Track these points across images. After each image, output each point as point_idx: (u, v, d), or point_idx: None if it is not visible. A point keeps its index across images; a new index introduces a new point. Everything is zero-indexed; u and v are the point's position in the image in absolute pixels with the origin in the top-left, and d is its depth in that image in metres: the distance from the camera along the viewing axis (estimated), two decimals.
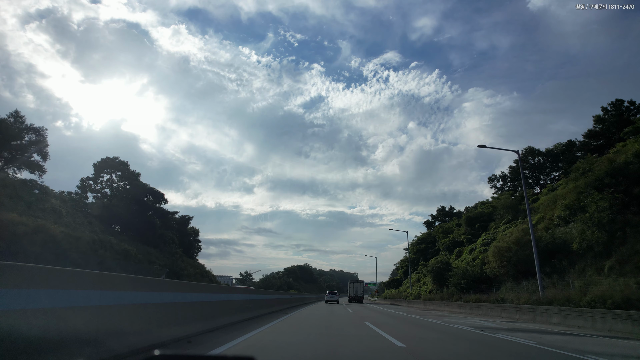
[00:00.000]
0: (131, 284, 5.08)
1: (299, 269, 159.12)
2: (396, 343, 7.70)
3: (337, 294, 42.08)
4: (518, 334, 10.87)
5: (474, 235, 48.95)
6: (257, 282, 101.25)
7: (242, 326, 9.51)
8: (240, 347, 6.17)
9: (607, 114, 47.64)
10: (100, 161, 47.96)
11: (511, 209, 42.03)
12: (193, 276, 45.06)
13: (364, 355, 6.34)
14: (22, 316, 3.08)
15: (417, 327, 13.08)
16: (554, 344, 8.65)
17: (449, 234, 54.91)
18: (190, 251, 67.06)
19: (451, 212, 72.17)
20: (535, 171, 60.48)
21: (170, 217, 59.94)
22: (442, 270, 35.46)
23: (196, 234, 69.88)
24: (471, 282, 28.77)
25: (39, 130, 37.95)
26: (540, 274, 19.06)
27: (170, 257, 44.90)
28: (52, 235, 24.31)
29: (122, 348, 4.35)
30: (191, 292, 7.48)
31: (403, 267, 64.36)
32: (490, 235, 40.29)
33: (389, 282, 66.99)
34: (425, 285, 43.63)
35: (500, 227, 40.63)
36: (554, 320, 15.93)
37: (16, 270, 3.10)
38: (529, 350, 7.65)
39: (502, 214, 43.38)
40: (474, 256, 35.03)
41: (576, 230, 21.83)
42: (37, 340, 3.18)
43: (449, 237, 53.11)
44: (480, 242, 38.97)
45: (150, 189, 50.46)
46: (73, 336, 3.65)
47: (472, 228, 50.76)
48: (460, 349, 7.63)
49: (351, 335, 9.30)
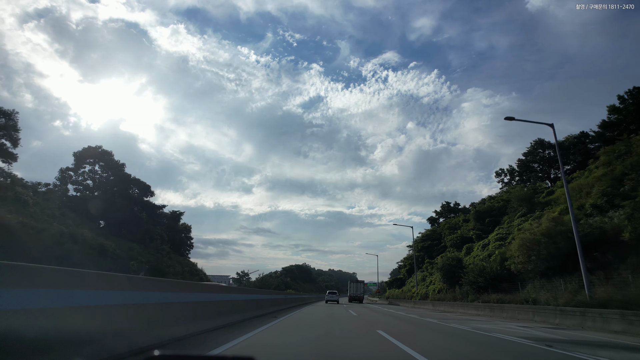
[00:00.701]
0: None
1: (297, 268, 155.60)
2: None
3: (337, 294, 41.37)
4: (602, 352, 7.49)
5: (485, 231, 45.67)
6: (254, 282, 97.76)
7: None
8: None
9: (623, 102, 44.13)
10: (82, 150, 44.41)
11: (526, 201, 38.70)
12: (181, 274, 41.59)
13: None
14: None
15: (445, 336, 9.66)
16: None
17: (455, 230, 51.57)
18: (182, 248, 63.58)
19: (456, 208, 68.87)
20: (546, 164, 57.27)
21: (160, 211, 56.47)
22: (453, 267, 32.09)
23: (188, 230, 66.40)
24: (489, 281, 25.40)
25: (9, 113, 34.46)
26: (585, 270, 15.67)
27: (156, 254, 41.42)
28: (5, 225, 20.84)
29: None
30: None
31: (406, 266, 60.98)
32: (504, 229, 36.95)
33: (391, 281, 63.52)
34: (432, 284, 40.25)
35: (515, 220, 37.31)
36: (614, 327, 12.53)
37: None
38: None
39: (516, 207, 40.07)
40: (489, 252, 31.66)
41: (619, 218, 18.49)
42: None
43: (456, 233, 49.76)
44: (493, 237, 35.59)
45: (136, 181, 46.92)
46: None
47: (481, 223, 47.47)
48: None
49: (364, 355, 5.89)
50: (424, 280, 48.21)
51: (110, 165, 45.67)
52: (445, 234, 53.86)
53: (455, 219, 55.94)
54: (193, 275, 47.65)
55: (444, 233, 55.05)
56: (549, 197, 38.45)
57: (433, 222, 69.62)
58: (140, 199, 48.13)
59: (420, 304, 37.12)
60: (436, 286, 36.78)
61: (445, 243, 51.22)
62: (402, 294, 48.33)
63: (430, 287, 38.55)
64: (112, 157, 46.42)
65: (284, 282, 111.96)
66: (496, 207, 47.52)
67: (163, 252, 43.96)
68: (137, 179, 46.98)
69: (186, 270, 45.93)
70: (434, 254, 54.06)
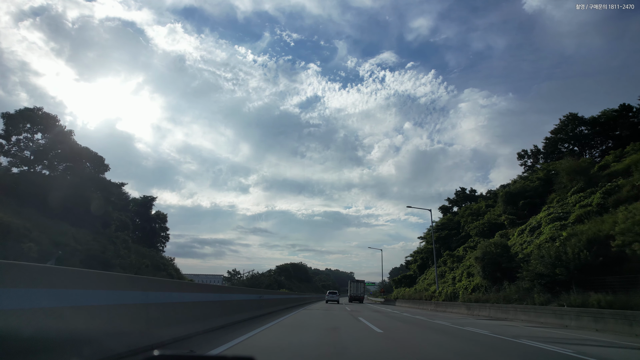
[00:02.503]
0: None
1: (293, 267, 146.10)
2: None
3: (338, 294, 40.52)
4: None
5: (520, 216, 37.00)
6: (243, 281, 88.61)
7: None
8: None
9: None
10: (15, 113, 35.13)
11: (581, 173, 30.02)
12: (137, 268, 32.47)
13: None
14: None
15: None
16: None
17: (479, 217, 42.82)
18: (153, 240, 54.38)
19: (472, 195, 60.23)
20: (579, 143, 48.67)
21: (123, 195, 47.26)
22: (498, 257, 23.25)
23: (163, 220, 57.13)
24: (574, 273, 16.56)
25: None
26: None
27: (104, 242, 32.22)
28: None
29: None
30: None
31: (418, 261, 52.10)
32: (556, 208, 28.16)
33: (399, 279, 54.79)
34: (460, 281, 31.40)
35: (570, 197, 28.57)
36: None
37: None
38: None
39: (565, 182, 31.38)
40: (550, 235, 22.79)
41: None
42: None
43: (480, 220, 41.01)
44: (545, 219, 26.73)
45: (86, 151, 37.56)
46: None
47: (514, 206, 38.79)
48: None
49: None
50: (442, 276, 39.35)
51: (54, 133, 36.39)
52: (466, 222, 45.09)
53: (477, 205, 47.18)
54: (158, 271, 38.53)
55: (463, 221, 46.30)
56: (611, 169, 29.81)
57: (446, 211, 60.92)
58: (95, 175, 38.84)
59: (446, 307, 28.25)
60: (469, 283, 27.90)
61: (468, 232, 42.43)
62: (416, 294, 39.48)
63: (459, 285, 29.65)
64: (57, 123, 37.19)
65: (277, 280, 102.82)
66: (531, 187, 38.92)
67: (118, 241, 34.74)
68: (86, 148, 37.62)
69: (149, 264, 36.76)
70: (452, 245, 45.27)
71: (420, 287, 41.53)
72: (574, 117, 49.36)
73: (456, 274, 36.05)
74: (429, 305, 33.00)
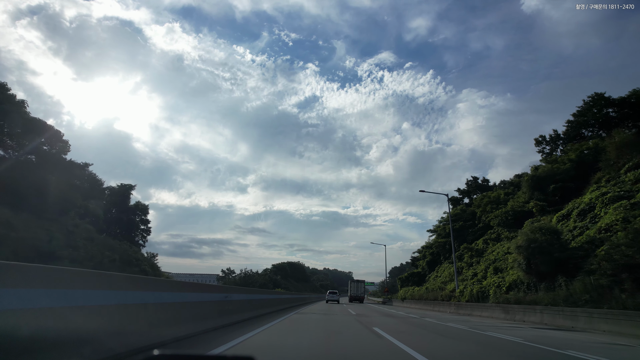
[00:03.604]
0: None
1: (290, 265, 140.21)
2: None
3: (338, 294, 40.49)
4: None
5: (552, 202, 31.62)
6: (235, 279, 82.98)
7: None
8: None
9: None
10: None
11: (635, 147, 24.68)
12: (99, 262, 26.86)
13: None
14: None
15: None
16: None
17: (500, 205, 37.39)
18: (132, 233, 48.69)
19: (485, 184, 54.85)
20: (605, 127, 43.33)
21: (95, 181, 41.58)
22: (548, 246, 17.72)
23: (143, 211, 51.42)
24: None
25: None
26: None
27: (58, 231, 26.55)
28: None
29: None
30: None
31: (427, 257, 46.55)
32: (610, 188, 22.71)
33: (407, 277, 49.15)
34: (486, 277, 25.90)
35: (626, 174, 23.14)
36: None
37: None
38: None
39: (614, 159, 26.01)
40: (619, 216, 17.30)
41: None
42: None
43: (503, 209, 35.55)
44: (603, 199, 21.20)
45: (41, 125, 31.76)
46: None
47: (542, 192, 33.45)
48: None
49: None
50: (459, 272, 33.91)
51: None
52: (483, 212, 39.63)
53: (495, 192, 41.72)
54: (129, 266, 32.89)
55: (480, 211, 40.83)
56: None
57: (456, 203, 55.45)
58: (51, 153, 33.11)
59: (471, 310, 22.79)
60: (500, 280, 22.37)
61: (487, 222, 36.96)
62: (427, 293, 34.02)
63: (487, 282, 24.10)
64: (9, 93, 31.52)
65: (273, 279, 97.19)
66: (562, 170, 33.58)
67: (77, 230, 29.13)
68: (44, 122, 31.89)
69: (117, 259, 31.12)
70: (467, 237, 39.79)
71: (432, 285, 36.04)
72: (599, 97, 43.89)
73: (477, 269, 30.60)
74: (447, 306, 27.51)
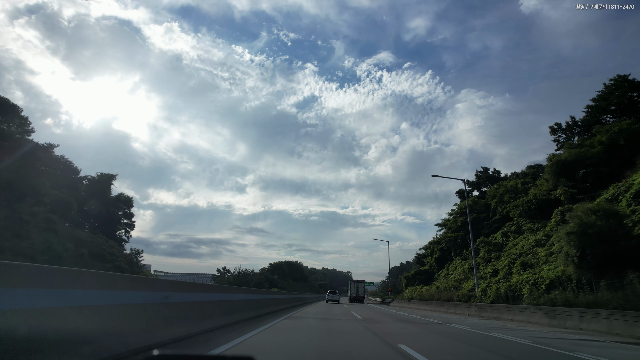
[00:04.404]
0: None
1: (287, 265, 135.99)
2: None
3: (338, 294, 40.43)
4: None
5: (582, 189, 27.84)
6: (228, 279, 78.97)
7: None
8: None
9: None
10: None
11: None
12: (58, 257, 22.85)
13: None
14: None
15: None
16: None
17: (520, 195, 33.53)
18: (112, 226, 44.63)
19: (495, 176, 51.05)
20: (626, 112, 39.63)
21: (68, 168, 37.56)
22: (610, 232, 13.80)
23: (127, 204, 47.34)
24: None
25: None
26: None
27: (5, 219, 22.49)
28: None
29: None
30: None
31: (436, 253, 42.57)
32: None
33: (413, 275, 45.05)
34: (515, 274, 22.00)
35: None
36: None
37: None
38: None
39: None
40: None
41: None
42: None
43: (523, 198, 31.68)
44: None
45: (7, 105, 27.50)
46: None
47: (569, 179, 29.64)
48: None
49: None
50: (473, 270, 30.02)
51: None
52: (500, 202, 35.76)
53: (512, 181, 37.86)
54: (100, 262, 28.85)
55: (495, 202, 36.96)
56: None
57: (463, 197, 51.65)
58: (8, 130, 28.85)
59: (499, 312, 18.91)
60: (536, 277, 18.40)
61: (506, 213, 33.04)
62: (439, 293, 30.13)
63: (517, 280, 20.14)
64: None
65: (269, 279, 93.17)
66: (592, 153, 29.78)
67: (35, 220, 25.06)
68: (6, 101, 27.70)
69: (84, 253, 27.09)
70: (483, 230, 35.86)
71: (443, 284, 32.13)
72: (623, 79, 40.15)
73: (498, 265, 26.72)
74: (466, 308, 23.60)
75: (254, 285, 71.12)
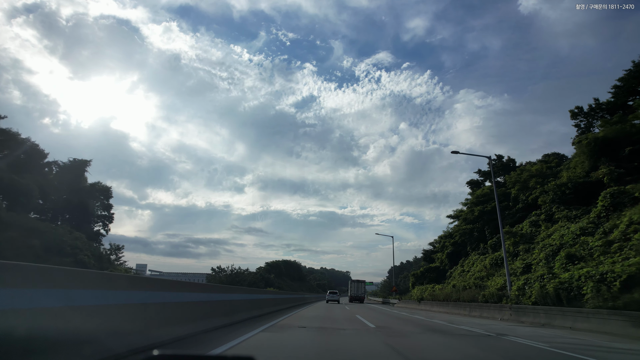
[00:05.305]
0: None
1: (284, 264, 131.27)
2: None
3: (338, 294, 40.32)
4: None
5: (629, 169, 23.48)
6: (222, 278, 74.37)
7: None
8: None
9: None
10: None
11: None
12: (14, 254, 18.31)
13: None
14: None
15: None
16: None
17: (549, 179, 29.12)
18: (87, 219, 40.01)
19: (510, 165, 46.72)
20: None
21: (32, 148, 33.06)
22: None
23: (105, 194, 42.70)
24: None
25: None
26: None
27: None
28: None
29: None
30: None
31: (448, 247, 38.02)
32: None
33: (422, 273, 40.46)
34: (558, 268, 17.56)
35: None
36: None
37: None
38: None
39: None
40: None
41: None
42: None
43: (555, 182, 27.29)
44: None
45: None
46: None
47: (611, 158, 25.31)
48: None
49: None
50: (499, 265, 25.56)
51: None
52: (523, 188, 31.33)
53: (535, 166, 33.45)
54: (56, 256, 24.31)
55: (516, 190, 32.54)
56: None
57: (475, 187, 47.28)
58: None
59: (547, 318, 14.54)
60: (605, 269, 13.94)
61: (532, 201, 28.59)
62: (457, 294, 25.70)
63: (570, 275, 15.63)
64: None
65: (265, 278, 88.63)
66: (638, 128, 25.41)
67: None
68: None
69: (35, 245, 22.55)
70: (505, 220, 31.45)
71: (461, 282, 27.64)
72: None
73: (530, 259, 22.30)
74: (497, 311, 19.12)
75: (248, 285, 66.61)
